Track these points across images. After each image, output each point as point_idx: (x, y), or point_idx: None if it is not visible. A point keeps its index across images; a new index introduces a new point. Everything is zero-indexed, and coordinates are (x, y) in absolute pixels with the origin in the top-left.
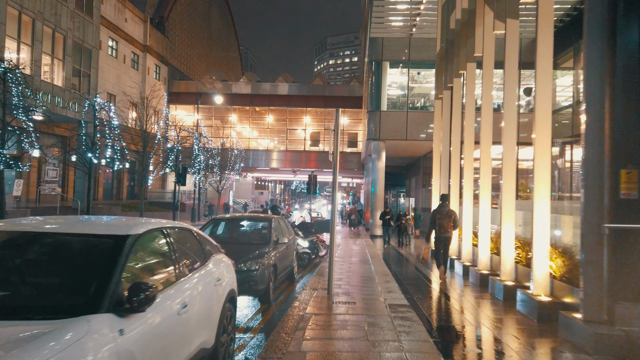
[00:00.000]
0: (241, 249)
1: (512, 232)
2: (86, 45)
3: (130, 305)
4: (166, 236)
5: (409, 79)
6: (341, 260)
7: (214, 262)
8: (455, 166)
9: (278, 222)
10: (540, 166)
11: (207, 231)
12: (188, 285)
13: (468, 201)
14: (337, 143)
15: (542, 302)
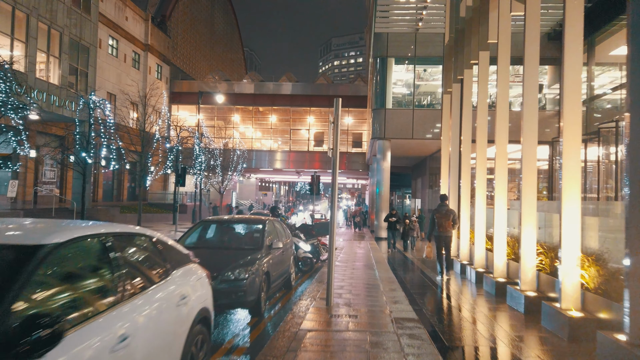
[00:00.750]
0: (230, 255)
1: (533, 236)
2: (84, 43)
3: (16, 350)
4: (105, 246)
5: (415, 75)
6: (344, 265)
7: (179, 276)
8: (466, 165)
9: (273, 224)
10: (570, 163)
11: (193, 235)
12: (131, 310)
13: (481, 203)
14: (337, 137)
15: (574, 319)
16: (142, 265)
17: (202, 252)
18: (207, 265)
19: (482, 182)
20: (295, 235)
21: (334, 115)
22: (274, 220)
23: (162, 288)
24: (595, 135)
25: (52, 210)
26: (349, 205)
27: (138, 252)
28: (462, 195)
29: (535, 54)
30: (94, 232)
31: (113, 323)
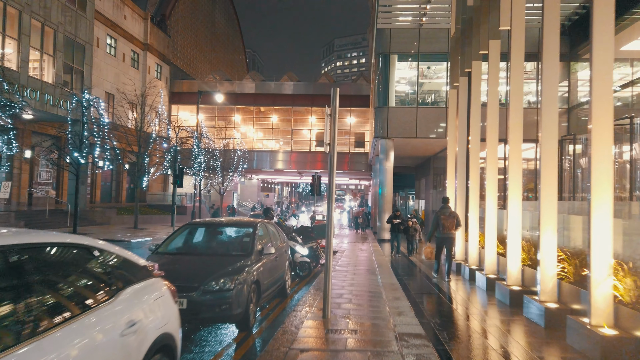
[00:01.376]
0: (215, 261)
1: (553, 241)
2: (79, 41)
3: None
4: (9, 262)
5: (418, 72)
6: (344, 269)
7: (129, 297)
8: (475, 165)
9: (265, 227)
10: (599, 160)
11: (177, 240)
12: (41, 350)
13: (492, 204)
14: (334, 132)
15: (607, 337)
16: (71, 286)
17: (184, 259)
18: (188, 274)
19: (493, 182)
20: (291, 238)
21: (331, 107)
22: (267, 222)
23: (100, 314)
24: None
25: (46, 212)
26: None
27: (68, 268)
28: (470, 197)
29: (554, 40)
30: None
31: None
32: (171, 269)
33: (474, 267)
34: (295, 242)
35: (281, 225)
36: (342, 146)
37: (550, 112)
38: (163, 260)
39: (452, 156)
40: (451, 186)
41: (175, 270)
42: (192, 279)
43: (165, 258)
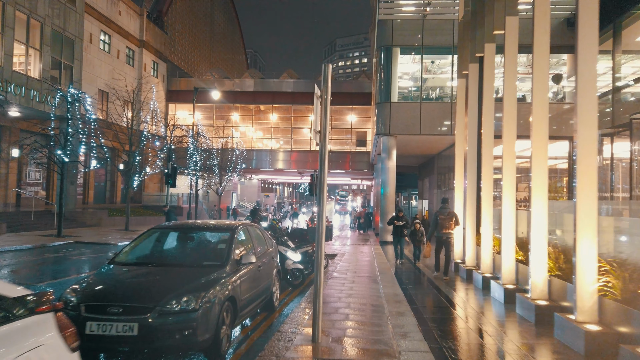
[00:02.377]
0: (180, 274)
1: (593, 249)
2: (68, 35)
3: None
4: None
5: (422, 66)
6: (342, 277)
7: None
8: (488, 163)
9: (247, 231)
10: (583, 157)
11: (140, 247)
12: None
13: (509, 205)
14: (325, 117)
15: None
16: None
17: (143, 271)
18: (143, 291)
19: (511, 182)
20: (282, 242)
21: (322, 88)
22: (250, 225)
23: None
24: (626, 127)
25: (32, 214)
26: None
27: None
28: (483, 197)
29: (593, 11)
30: None
31: None
32: (124, 285)
33: (487, 274)
34: (286, 247)
35: (274, 227)
36: (344, 145)
37: (588, 106)
38: (116, 273)
39: (460, 153)
40: (460, 186)
41: (128, 287)
42: (147, 297)
43: (119, 270)
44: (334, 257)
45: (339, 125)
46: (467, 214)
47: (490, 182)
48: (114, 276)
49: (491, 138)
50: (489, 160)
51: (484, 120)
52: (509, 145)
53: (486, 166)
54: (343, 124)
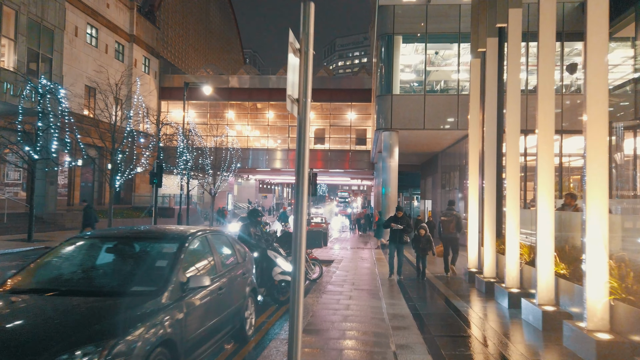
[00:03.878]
0: (86, 310)
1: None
2: (46, 25)
3: None
4: None
5: (426, 56)
6: (338, 289)
7: None
8: (513, 156)
9: (205, 242)
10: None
11: (49, 265)
12: None
13: (546, 207)
14: (306, 76)
15: None
16: None
17: (35, 304)
18: (21, 341)
19: (548, 178)
20: (273, 249)
21: (302, 37)
22: (213, 233)
23: None
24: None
25: (5, 216)
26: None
27: None
28: (508, 197)
29: None
30: None
31: None
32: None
33: (514, 289)
34: (276, 253)
35: (262, 231)
36: (343, 144)
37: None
38: None
39: (474, 148)
40: (474, 185)
41: None
42: (23, 353)
43: (3, 303)
44: (330, 264)
45: (337, 123)
46: (485, 216)
47: (517, 180)
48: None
49: (517, 127)
50: (514, 154)
51: (509, 107)
52: (545, 137)
53: (511, 161)
54: (342, 121)
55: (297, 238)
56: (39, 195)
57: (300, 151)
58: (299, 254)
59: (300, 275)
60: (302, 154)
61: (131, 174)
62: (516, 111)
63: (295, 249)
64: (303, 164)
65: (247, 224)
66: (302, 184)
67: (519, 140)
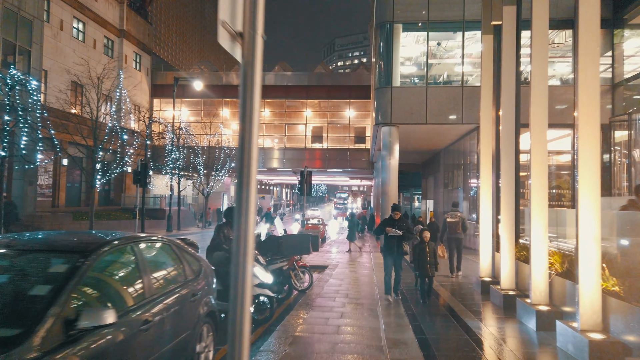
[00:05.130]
0: None
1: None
2: (24, 15)
3: None
4: None
5: (428, 45)
6: (329, 304)
7: None
8: (539, 149)
9: (127, 255)
10: None
11: None
12: None
13: (591, 206)
14: None
15: None
16: None
17: None
18: None
19: (592, 175)
20: None
21: None
22: (143, 241)
23: None
24: None
25: None
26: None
27: None
28: (534, 196)
29: None
30: None
31: None
32: None
33: (543, 307)
34: (257, 262)
35: None
36: (342, 142)
37: None
38: None
39: (487, 141)
40: (487, 183)
41: None
42: None
43: None
44: (323, 270)
45: (336, 121)
46: (502, 218)
47: (544, 177)
48: None
49: (544, 114)
50: (540, 146)
51: (534, 90)
52: (589, 126)
53: (537, 155)
54: (340, 119)
55: (239, 255)
56: (17, 196)
57: (246, 119)
58: (241, 281)
59: (244, 315)
60: (249, 126)
61: (114, 173)
62: (543, 97)
63: (237, 274)
64: (250, 140)
65: (222, 225)
66: (249, 171)
67: (546, 132)
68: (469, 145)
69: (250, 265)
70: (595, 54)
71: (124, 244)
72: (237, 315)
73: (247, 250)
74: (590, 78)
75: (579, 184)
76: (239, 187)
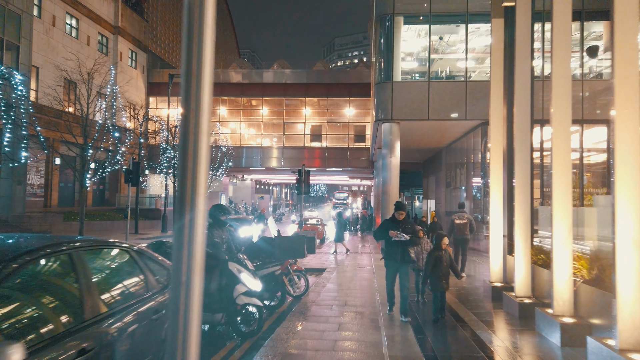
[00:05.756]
0: None
1: None
2: (12, 9)
3: None
4: None
5: (430, 39)
6: (325, 314)
7: None
8: (563, 144)
9: (59, 266)
10: None
11: None
12: None
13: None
14: None
15: None
16: None
17: None
18: None
19: (631, 170)
20: (237, 260)
21: None
22: (91, 246)
23: None
24: None
25: None
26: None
27: None
28: (555, 194)
29: None
30: None
31: None
32: None
33: (568, 319)
34: (241, 266)
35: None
36: (341, 141)
37: None
38: None
39: (498, 136)
40: (497, 181)
41: None
42: None
43: None
44: (321, 273)
45: (335, 120)
46: (517, 219)
47: (568, 174)
48: None
49: (567, 107)
50: (563, 142)
51: (555, 74)
52: (630, 120)
53: (560, 151)
54: (340, 117)
55: (179, 269)
56: (4, 196)
57: (192, 84)
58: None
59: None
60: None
61: (106, 172)
62: (566, 86)
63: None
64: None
65: (210, 224)
66: (198, 162)
67: (569, 126)
68: (473, 142)
69: (198, 291)
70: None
71: (56, 253)
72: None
73: (192, 268)
74: (630, 67)
75: (615, 182)
76: (181, 185)
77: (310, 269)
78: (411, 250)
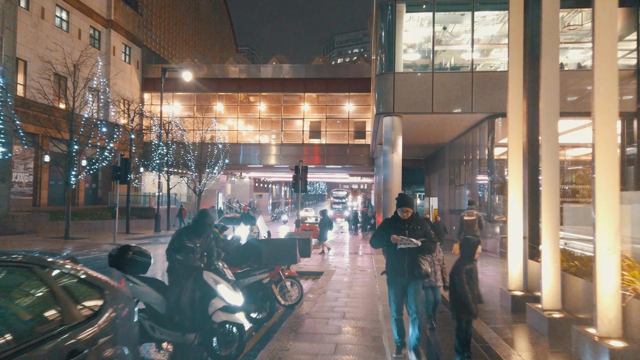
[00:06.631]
0: None
1: None
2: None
3: None
4: None
5: (434, 27)
6: (322, 323)
7: None
8: (608, 135)
9: None
10: None
11: None
12: None
13: None
14: None
15: None
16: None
17: None
18: None
19: None
20: (214, 269)
21: None
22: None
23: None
24: None
25: None
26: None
27: None
28: (598, 191)
29: None
30: None
31: None
32: None
33: (617, 342)
34: (218, 276)
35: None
36: (341, 138)
37: None
38: None
39: (516, 128)
40: (516, 178)
41: None
42: None
43: None
44: (318, 277)
45: (334, 116)
46: (543, 219)
47: (614, 167)
48: None
49: (614, 91)
50: (609, 131)
51: (598, 54)
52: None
53: (604, 141)
54: (340, 113)
55: None
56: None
57: None
58: None
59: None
60: None
61: (93, 169)
62: (613, 70)
63: None
64: None
65: (184, 231)
66: None
67: (617, 115)
68: (479, 138)
69: None
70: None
71: None
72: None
73: None
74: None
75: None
76: None
77: (305, 273)
78: (423, 261)
